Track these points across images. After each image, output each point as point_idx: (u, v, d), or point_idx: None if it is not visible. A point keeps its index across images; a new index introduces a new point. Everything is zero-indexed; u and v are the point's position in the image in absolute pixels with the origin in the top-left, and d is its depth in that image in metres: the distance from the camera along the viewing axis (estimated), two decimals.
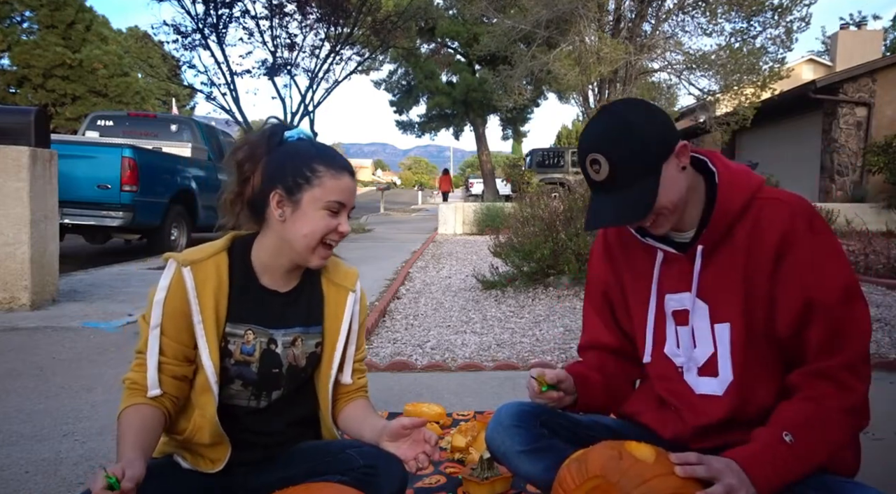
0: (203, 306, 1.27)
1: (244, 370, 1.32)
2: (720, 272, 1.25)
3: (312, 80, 11.40)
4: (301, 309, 1.38)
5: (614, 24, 13.48)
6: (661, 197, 1.19)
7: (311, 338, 1.39)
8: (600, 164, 1.19)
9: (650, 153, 1.18)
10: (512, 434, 1.31)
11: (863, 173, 12.69)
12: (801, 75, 19.26)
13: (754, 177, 1.26)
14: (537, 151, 21.38)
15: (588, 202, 1.29)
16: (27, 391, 2.66)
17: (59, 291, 4.64)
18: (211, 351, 1.28)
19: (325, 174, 1.29)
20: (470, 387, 2.77)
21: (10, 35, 23.46)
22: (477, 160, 28.71)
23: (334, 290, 1.42)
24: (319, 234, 1.29)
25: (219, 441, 1.30)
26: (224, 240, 1.35)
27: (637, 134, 1.17)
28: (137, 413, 1.21)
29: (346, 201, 1.31)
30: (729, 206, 1.23)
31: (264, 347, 1.33)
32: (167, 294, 1.26)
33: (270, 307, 1.35)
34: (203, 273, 1.28)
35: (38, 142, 4.38)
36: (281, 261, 1.34)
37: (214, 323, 1.28)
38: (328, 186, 1.28)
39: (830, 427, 1.13)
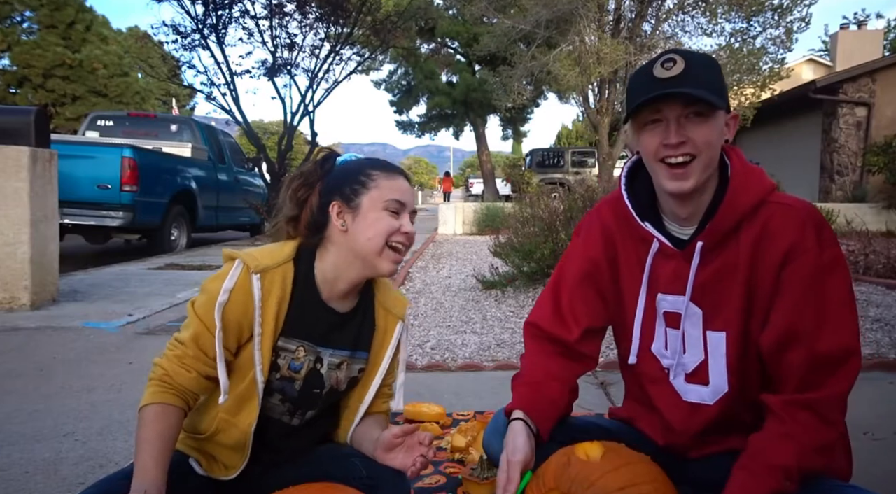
0: (265, 317, 1.23)
1: (287, 385, 1.30)
2: (720, 276, 1.18)
3: (312, 80, 11.39)
4: (352, 333, 1.36)
5: (614, 25, 13.48)
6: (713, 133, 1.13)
7: (357, 363, 1.37)
8: (675, 62, 1.13)
9: (722, 85, 1.16)
10: None
11: (863, 173, 12.69)
12: (801, 75, 19.25)
13: (768, 179, 1.20)
14: (537, 151, 21.38)
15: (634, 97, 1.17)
16: (27, 391, 2.66)
17: (60, 291, 4.64)
18: (264, 365, 1.24)
19: (380, 176, 1.29)
20: (470, 387, 2.77)
21: (10, 35, 23.45)
22: (477, 160, 28.73)
23: (384, 316, 1.40)
24: (383, 235, 1.26)
25: (240, 448, 1.28)
26: (291, 247, 1.30)
27: (717, 68, 1.18)
28: (164, 415, 1.17)
29: (405, 200, 1.30)
30: (738, 203, 1.15)
31: (311, 366, 1.31)
32: (230, 297, 1.20)
33: (325, 325, 1.31)
34: (270, 282, 1.23)
35: (38, 142, 4.38)
36: (347, 275, 1.30)
37: (272, 335, 1.24)
38: (384, 186, 1.28)
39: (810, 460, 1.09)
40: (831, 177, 12.99)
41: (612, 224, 1.33)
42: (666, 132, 1.14)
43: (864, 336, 3.64)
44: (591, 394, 2.65)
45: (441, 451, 2.02)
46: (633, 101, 1.17)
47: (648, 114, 1.15)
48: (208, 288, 1.22)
